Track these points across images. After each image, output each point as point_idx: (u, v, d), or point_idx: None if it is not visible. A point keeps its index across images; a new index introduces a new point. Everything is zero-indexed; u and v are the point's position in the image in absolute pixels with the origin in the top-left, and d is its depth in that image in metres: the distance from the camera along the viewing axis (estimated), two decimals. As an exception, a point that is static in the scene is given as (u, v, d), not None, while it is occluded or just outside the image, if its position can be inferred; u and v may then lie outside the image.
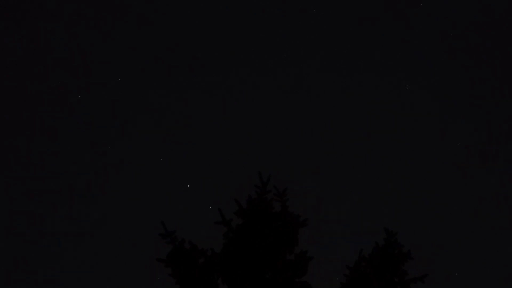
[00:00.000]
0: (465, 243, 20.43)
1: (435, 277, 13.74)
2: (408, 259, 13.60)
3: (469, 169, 21.37)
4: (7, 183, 20.85)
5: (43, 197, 20.82)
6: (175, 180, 20.94)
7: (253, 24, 21.76)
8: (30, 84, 21.39)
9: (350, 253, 13.75)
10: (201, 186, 20.70)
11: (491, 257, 20.24)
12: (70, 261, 20.24)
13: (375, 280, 13.43)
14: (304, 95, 21.75)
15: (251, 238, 13.42)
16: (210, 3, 21.75)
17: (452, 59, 21.74)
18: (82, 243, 20.45)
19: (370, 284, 13.41)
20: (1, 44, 21.46)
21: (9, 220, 20.57)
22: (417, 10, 21.75)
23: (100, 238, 20.46)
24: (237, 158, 20.91)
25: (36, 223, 20.61)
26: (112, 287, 19.30)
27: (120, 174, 21.18)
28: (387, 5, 21.79)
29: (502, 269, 20.10)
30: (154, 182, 21.04)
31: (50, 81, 21.39)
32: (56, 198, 20.85)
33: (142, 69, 21.53)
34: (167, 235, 13.42)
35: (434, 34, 21.83)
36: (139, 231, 20.14)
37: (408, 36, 21.79)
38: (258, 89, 21.67)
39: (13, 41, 21.53)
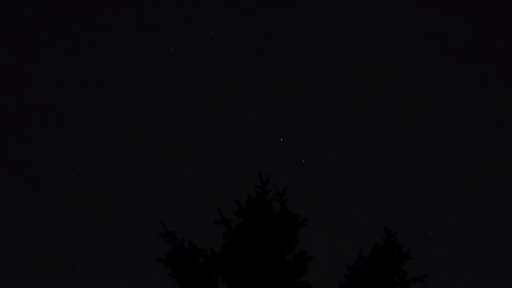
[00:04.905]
0: (466, 243, 20.44)
1: (435, 277, 13.75)
2: (408, 259, 13.60)
3: (469, 169, 21.38)
4: (7, 184, 20.85)
5: (42, 197, 20.82)
6: (175, 179, 20.96)
7: (253, 24, 21.78)
8: (30, 84, 21.40)
9: (350, 253, 13.75)
10: (201, 186, 20.72)
11: (492, 257, 20.25)
12: (70, 261, 20.25)
13: (375, 280, 13.43)
14: (303, 95, 21.76)
15: (251, 238, 13.42)
16: (210, 3, 21.76)
17: (452, 59, 21.76)
18: (82, 243, 20.45)
19: (370, 284, 13.41)
20: (1, 44, 21.47)
21: (9, 220, 20.59)
22: (417, 10, 21.77)
23: (99, 238, 20.46)
24: (237, 158, 20.92)
25: (35, 222, 20.61)
26: (112, 287, 19.30)
27: (120, 174, 21.18)
28: (387, 5, 21.80)
29: (502, 269, 20.11)
30: (154, 182, 21.05)
31: (50, 81, 21.40)
32: (56, 198, 20.85)
33: (142, 69, 21.54)
34: (167, 235, 13.42)
35: (434, 34, 21.85)
36: (139, 230, 20.14)
37: (408, 36, 21.81)
38: (258, 89, 21.69)
39: (13, 41, 21.55)
